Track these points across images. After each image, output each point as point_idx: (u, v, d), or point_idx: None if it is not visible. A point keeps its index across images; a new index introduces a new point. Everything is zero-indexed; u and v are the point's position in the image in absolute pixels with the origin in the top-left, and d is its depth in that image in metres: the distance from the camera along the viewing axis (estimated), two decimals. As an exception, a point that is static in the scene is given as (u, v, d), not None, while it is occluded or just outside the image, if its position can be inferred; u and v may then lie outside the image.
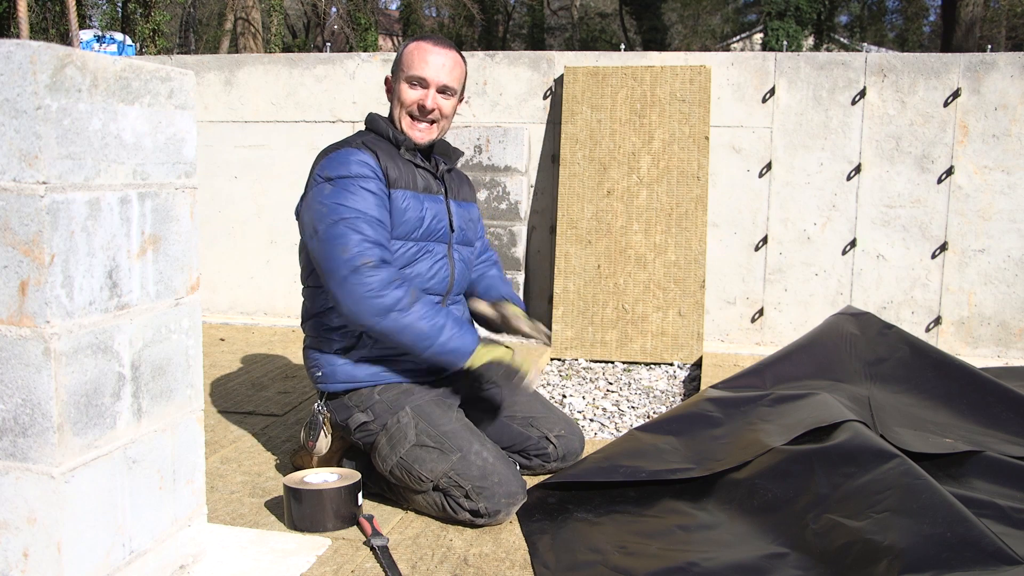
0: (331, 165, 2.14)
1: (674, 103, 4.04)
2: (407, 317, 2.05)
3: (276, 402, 3.05)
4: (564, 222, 4.07)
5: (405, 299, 2.05)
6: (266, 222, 4.59)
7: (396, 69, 2.28)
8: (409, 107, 2.24)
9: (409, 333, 2.06)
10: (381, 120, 2.29)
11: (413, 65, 2.22)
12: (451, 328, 2.10)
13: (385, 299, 2.03)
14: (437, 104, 2.24)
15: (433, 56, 2.22)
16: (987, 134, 3.94)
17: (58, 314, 1.34)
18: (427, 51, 2.23)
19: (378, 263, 2.05)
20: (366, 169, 2.12)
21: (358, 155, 2.14)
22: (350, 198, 2.08)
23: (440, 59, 2.23)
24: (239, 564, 1.76)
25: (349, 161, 2.13)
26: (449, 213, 2.30)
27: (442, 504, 2.04)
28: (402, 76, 2.24)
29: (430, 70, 2.22)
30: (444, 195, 2.32)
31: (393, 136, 2.24)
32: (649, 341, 3.93)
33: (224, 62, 4.64)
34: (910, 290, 4.07)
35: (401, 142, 2.24)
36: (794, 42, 16.11)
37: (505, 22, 25.21)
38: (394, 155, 2.22)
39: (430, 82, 2.22)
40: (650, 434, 2.45)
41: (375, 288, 2.03)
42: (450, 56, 2.25)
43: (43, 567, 1.38)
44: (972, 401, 2.62)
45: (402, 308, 2.04)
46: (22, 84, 1.28)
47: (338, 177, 2.11)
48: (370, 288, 2.02)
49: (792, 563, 1.82)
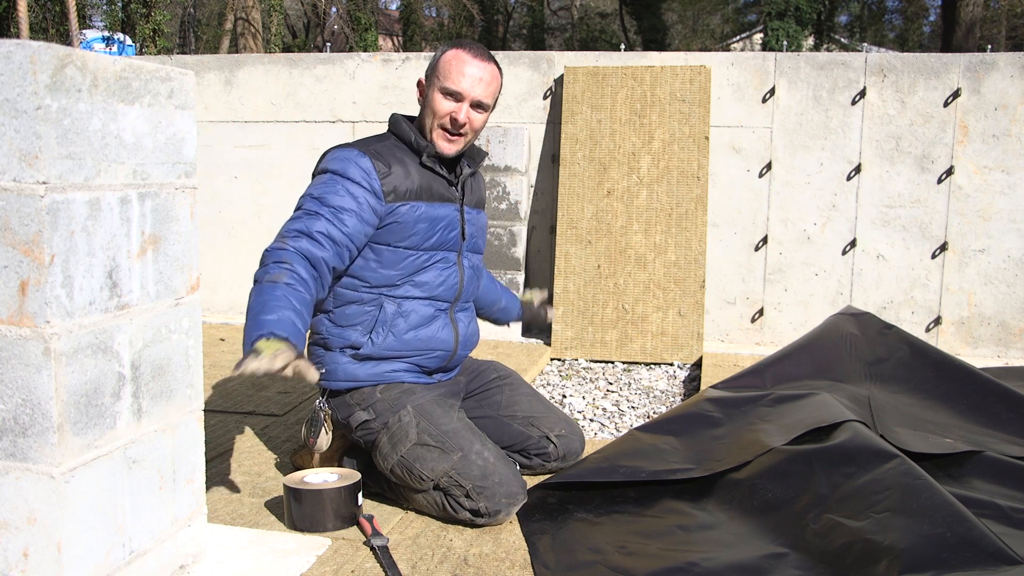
0: (331, 160, 2.14)
1: (674, 103, 4.04)
2: (253, 288, 1.96)
3: (276, 402, 3.05)
4: (564, 222, 4.07)
5: (271, 274, 1.94)
6: (266, 222, 4.59)
7: (431, 75, 2.21)
8: (441, 119, 2.18)
9: (250, 295, 1.96)
10: (404, 123, 2.23)
11: (450, 76, 2.16)
12: (263, 314, 1.89)
13: (261, 271, 1.97)
14: (470, 119, 2.18)
15: (471, 68, 2.16)
16: (987, 134, 3.94)
17: (58, 314, 1.34)
18: (465, 62, 2.16)
19: (291, 248, 1.98)
20: (359, 174, 2.10)
21: (360, 159, 2.12)
22: (328, 194, 2.07)
23: (478, 72, 2.17)
24: (239, 564, 1.76)
25: (348, 161, 2.12)
26: (462, 221, 2.27)
27: (442, 503, 2.04)
28: (436, 84, 2.18)
29: (466, 83, 2.16)
30: (460, 202, 2.28)
31: (415, 142, 2.19)
32: (649, 341, 3.93)
33: (224, 62, 4.64)
34: (910, 290, 4.07)
35: (423, 149, 2.19)
36: (794, 42, 16.10)
37: (505, 22, 25.20)
38: (412, 162, 2.18)
39: (465, 95, 2.16)
40: (650, 434, 2.45)
41: (264, 261, 1.98)
42: (488, 70, 2.19)
43: (43, 567, 1.38)
44: (972, 401, 2.62)
45: (259, 279, 1.96)
46: (22, 84, 1.28)
47: (332, 172, 2.11)
48: (264, 262, 1.98)
49: (792, 563, 1.82)
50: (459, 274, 2.27)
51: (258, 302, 1.90)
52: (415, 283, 2.19)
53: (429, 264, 2.20)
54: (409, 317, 2.18)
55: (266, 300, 1.89)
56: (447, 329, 2.25)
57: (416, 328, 2.19)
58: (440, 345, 2.23)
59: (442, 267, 2.23)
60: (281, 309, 1.88)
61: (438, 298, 2.23)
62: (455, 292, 2.26)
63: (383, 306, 2.16)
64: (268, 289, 1.91)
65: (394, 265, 2.16)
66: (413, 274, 2.19)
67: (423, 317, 2.20)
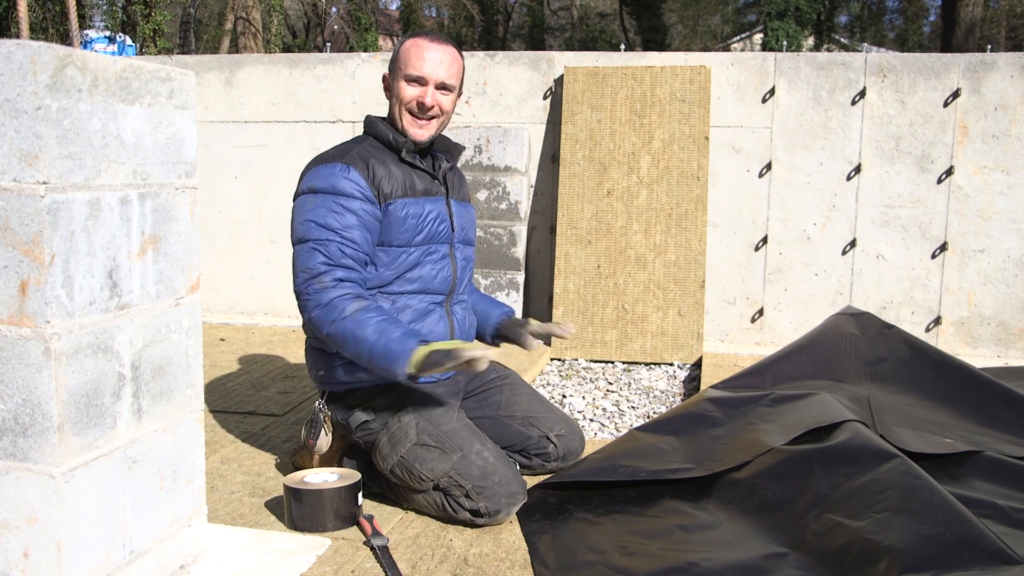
0: (317, 177, 2.14)
1: (674, 103, 4.04)
2: (346, 323, 2.01)
3: (276, 402, 3.05)
4: (564, 222, 4.07)
5: (348, 308, 2.02)
6: (266, 222, 4.59)
7: (393, 67, 2.26)
8: (408, 104, 2.22)
9: (351, 340, 2.01)
10: (379, 123, 2.28)
11: (410, 63, 2.21)
12: (390, 333, 2.00)
13: (326, 312, 2.03)
14: (437, 101, 2.22)
15: (430, 53, 2.21)
16: (987, 134, 3.94)
17: (58, 314, 1.34)
18: (424, 48, 2.21)
19: (333, 282, 2.05)
20: (351, 186, 2.12)
21: (346, 171, 2.13)
22: (328, 216, 2.09)
23: (437, 55, 2.21)
24: (239, 564, 1.76)
25: (336, 176, 2.12)
26: (450, 213, 2.30)
27: (442, 504, 2.04)
28: (400, 74, 2.23)
29: (428, 67, 2.20)
30: (445, 195, 2.31)
31: (393, 139, 2.23)
32: (649, 341, 3.93)
33: (224, 62, 4.64)
34: (910, 290, 4.07)
35: (401, 144, 2.23)
36: (794, 42, 16.10)
37: (505, 22, 25.20)
38: (392, 160, 2.21)
39: (428, 79, 2.21)
40: (650, 434, 2.45)
41: (320, 303, 2.04)
42: (447, 52, 2.23)
43: (43, 567, 1.38)
44: (972, 401, 2.62)
45: (343, 316, 2.01)
46: (22, 84, 1.28)
47: (322, 191, 2.12)
48: (317, 304, 2.04)
49: (792, 563, 1.82)
50: (452, 266, 2.28)
51: (366, 332, 1.99)
52: (409, 279, 2.21)
53: (423, 259, 2.22)
54: (404, 312, 2.19)
55: (374, 326, 2.00)
56: (443, 322, 2.26)
57: (412, 323, 2.19)
58: (436, 339, 2.23)
59: (435, 260, 2.25)
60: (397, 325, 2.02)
61: (433, 291, 2.24)
62: (449, 284, 2.28)
63: (378, 304, 2.17)
64: (361, 320, 2.01)
65: (388, 265, 2.18)
66: (407, 271, 2.20)
67: (418, 312, 2.22)
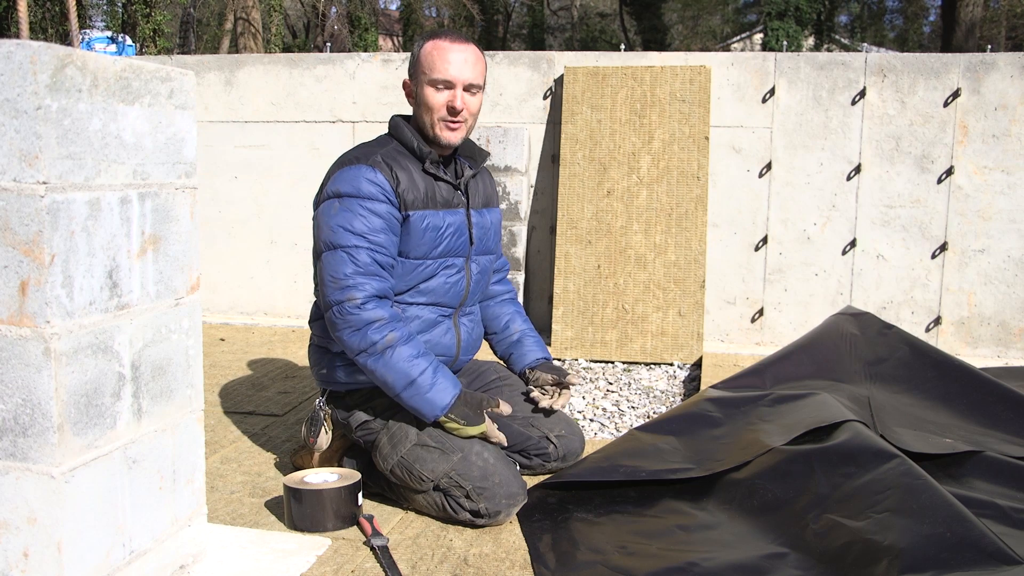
0: (342, 181, 2.10)
1: (674, 103, 4.04)
2: (377, 362, 2.02)
3: (276, 402, 3.05)
4: (564, 222, 4.07)
5: (380, 343, 2.01)
6: (266, 222, 4.59)
7: (415, 71, 2.19)
8: (440, 111, 2.16)
9: (379, 380, 2.05)
10: (405, 128, 2.20)
11: (435, 67, 2.14)
12: (425, 379, 2.03)
13: (359, 340, 2.02)
14: (466, 103, 2.17)
15: (453, 54, 2.14)
16: (987, 134, 3.94)
17: (58, 314, 1.34)
18: (446, 49, 2.14)
19: (365, 299, 2.03)
20: (376, 190, 2.07)
21: (371, 174, 2.08)
22: (355, 220, 2.05)
23: (461, 55, 2.15)
24: (239, 564, 1.76)
25: (360, 179, 2.08)
26: (469, 226, 2.26)
27: (442, 504, 2.04)
28: (424, 79, 2.16)
29: (453, 69, 2.13)
30: (466, 206, 2.26)
31: (418, 148, 2.17)
32: (649, 341, 3.93)
33: (224, 62, 4.64)
34: (910, 290, 4.07)
35: (426, 155, 2.17)
36: (794, 42, 16.11)
37: (505, 22, 25.19)
38: (415, 169, 2.16)
39: (455, 82, 2.14)
40: (650, 434, 2.45)
41: (353, 326, 2.03)
42: (470, 51, 2.17)
43: (43, 567, 1.38)
44: (972, 401, 2.62)
45: (373, 352, 2.02)
46: (22, 84, 1.28)
47: (347, 195, 2.07)
48: (349, 325, 2.03)
49: (792, 563, 1.82)
50: (466, 279, 2.26)
51: (401, 374, 2.02)
52: (421, 290, 2.19)
53: (438, 271, 2.20)
54: (412, 323, 2.17)
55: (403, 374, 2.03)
56: (450, 334, 2.25)
57: (419, 333, 2.18)
58: (442, 350, 2.23)
59: (449, 273, 2.22)
60: (423, 377, 2.04)
61: (442, 303, 2.23)
62: (460, 297, 2.26)
63: (408, 332, 2.13)
64: (391, 363, 2.02)
65: (403, 276, 2.16)
66: (422, 282, 2.18)
67: (426, 322, 2.20)
